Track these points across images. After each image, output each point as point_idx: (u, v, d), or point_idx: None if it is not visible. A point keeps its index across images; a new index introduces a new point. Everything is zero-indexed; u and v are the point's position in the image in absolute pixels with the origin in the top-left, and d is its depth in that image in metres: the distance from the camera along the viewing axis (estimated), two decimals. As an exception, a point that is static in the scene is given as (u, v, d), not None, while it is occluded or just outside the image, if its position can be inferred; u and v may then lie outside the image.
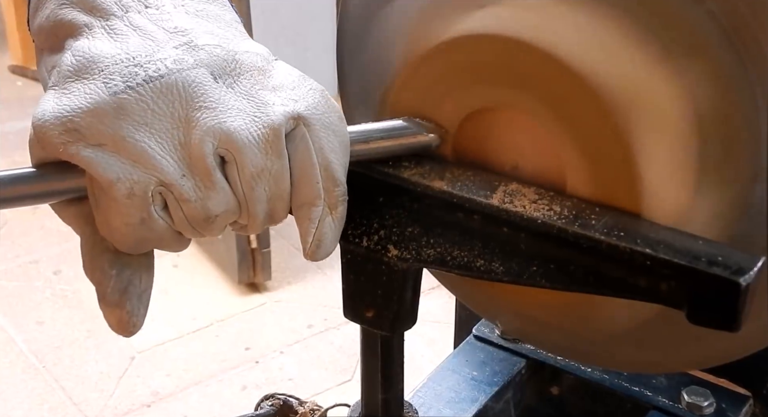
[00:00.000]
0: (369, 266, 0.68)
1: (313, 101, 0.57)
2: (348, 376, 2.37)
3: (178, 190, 0.53)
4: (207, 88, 0.54)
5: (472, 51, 0.64)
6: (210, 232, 0.56)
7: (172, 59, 0.54)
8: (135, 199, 0.52)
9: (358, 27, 0.74)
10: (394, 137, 0.66)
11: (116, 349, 2.43)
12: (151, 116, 0.52)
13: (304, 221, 0.58)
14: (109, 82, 0.52)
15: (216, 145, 0.53)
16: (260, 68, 0.57)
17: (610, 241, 0.57)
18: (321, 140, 0.57)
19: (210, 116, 0.53)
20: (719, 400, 0.89)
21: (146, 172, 0.52)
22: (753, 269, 0.53)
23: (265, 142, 0.55)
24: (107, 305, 0.56)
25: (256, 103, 0.55)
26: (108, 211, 0.53)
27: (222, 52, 0.56)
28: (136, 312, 0.57)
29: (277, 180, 0.56)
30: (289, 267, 2.81)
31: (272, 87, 0.57)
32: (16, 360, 2.42)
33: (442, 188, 0.64)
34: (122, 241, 0.55)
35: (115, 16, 0.56)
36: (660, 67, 0.59)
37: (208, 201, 0.54)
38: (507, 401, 0.95)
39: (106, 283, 0.56)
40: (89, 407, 2.27)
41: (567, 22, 0.60)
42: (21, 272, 2.79)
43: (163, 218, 0.54)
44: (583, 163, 0.62)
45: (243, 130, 0.54)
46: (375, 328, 0.71)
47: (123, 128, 0.52)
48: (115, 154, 0.52)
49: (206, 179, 0.54)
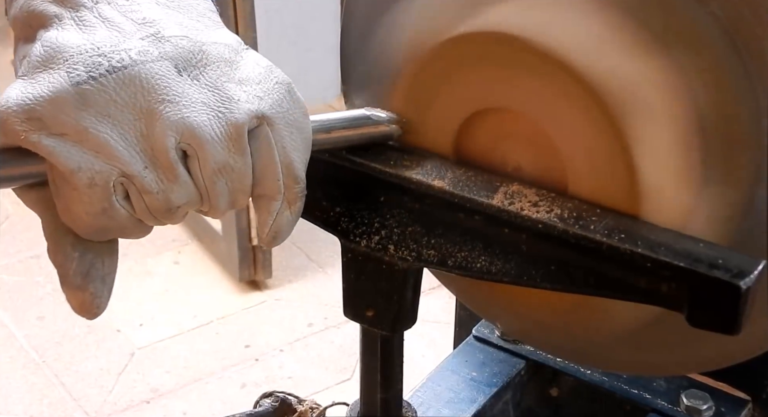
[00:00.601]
0: (370, 266, 0.68)
1: (278, 98, 0.58)
2: (347, 375, 2.37)
3: (140, 182, 0.53)
4: (170, 81, 0.54)
5: (475, 50, 0.64)
6: (171, 220, 0.57)
7: (136, 50, 0.54)
8: (96, 188, 0.53)
9: (362, 26, 0.75)
10: (355, 127, 0.67)
11: (116, 345, 2.43)
12: (113, 107, 0.53)
13: (263, 212, 0.59)
14: (72, 72, 0.53)
15: (178, 139, 0.54)
16: (227, 60, 0.57)
17: (610, 242, 0.57)
18: (284, 139, 0.57)
19: (173, 110, 0.54)
20: (718, 403, 0.89)
21: (108, 162, 0.52)
22: (753, 272, 0.53)
23: (227, 140, 0.55)
24: (69, 287, 0.57)
25: (221, 98, 0.55)
26: (69, 200, 0.54)
27: (188, 44, 0.56)
28: (99, 294, 0.57)
29: (239, 176, 0.56)
30: (290, 265, 2.81)
31: (238, 80, 0.57)
32: (17, 355, 2.43)
33: (444, 188, 0.64)
34: (83, 228, 0.55)
35: (85, 7, 0.56)
36: (660, 66, 0.59)
37: (170, 193, 0.55)
38: (506, 402, 0.95)
39: (68, 266, 0.56)
40: (89, 403, 2.27)
41: (569, 22, 0.60)
42: (22, 267, 2.79)
43: (125, 207, 0.54)
44: (584, 164, 0.62)
45: (206, 126, 0.54)
46: (375, 328, 0.71)
47: (85, 119, 0.52)
48: (76, 144, 0.52)
49: (168, 172, 0.54)
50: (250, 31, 2.34)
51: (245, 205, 0.59)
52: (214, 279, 2.74)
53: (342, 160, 0.67)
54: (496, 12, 0.63)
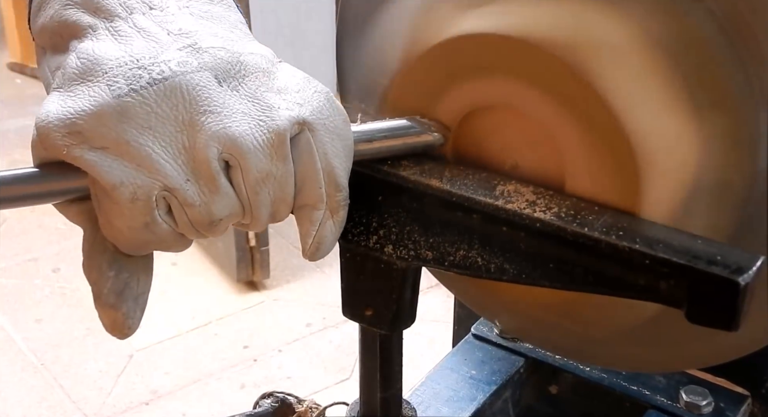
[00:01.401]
0: (368, 265, 0.68)
1: (318, 105, 0.57)
2: (347, 375, 2.37)
3: (182, 195, 0.53)
4: (211, 91, 0.54)
5: (471, 49, 0.64)
6: (213, 233, 0.56)
7: (176, 61, 0.54)
8: (138, 203, 0.52)
9: (358, 26, 0.74)
10: (398, 136, 0.66)
11: (115, 347, 2.43)
12: (154, 120, 0.52)
13: (305, 223, 0.59)
14: (112, 84, 0.52)
15: (221, 150, 0.53)
16: (265, 70, 0.57)
17: (609, 240, 0.57)
18: (325, 145, 0.57)
19: (215, 121, 0.53)
20: (718, 399, 0.90)
21: (150, 176, 0.52)
22: (752, 268, 0.53)
23: (270, 148, 0.54)
24: (102, 306, 0.56)
25: (261, 107, 0.55)
26: (111, 214, 0.53)
27: (226, 55, 0.56)
28: (132, 314, 0.57)
29: (281, 185, 0.56)
30: (288, 265, 2.81)
31: (277, 89, 0.56)
32: (15, 358, 2.42)
33: (442, 187, 0.64)
34: (124, 243, 0.55)
35: (120, 18, 0.56)
36: (659, 65, 0.59)
37: (212, 205, 0.54)
38: (505, 400, 0.96)
39: (103, 284, 0.56)
40: (88, 405, 2.27)
41: (564, 19, 0.60)
42: (20, 270, 2.79)
43: (167, 222, 0.54)
44: (583, 162, 0.62)
45: (248, 135, 0.54)
46: (374, 327, 0.71)
47: (126, 132, 0.52)
48: (118, 157, 0.52)
49: (210, 184, 0.53)
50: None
51: (286, 217, 0.58)
52: (212, 280, 2.75)
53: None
54: (496, 12, 0.63)
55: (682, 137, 0.59)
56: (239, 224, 0.58)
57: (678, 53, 0.59)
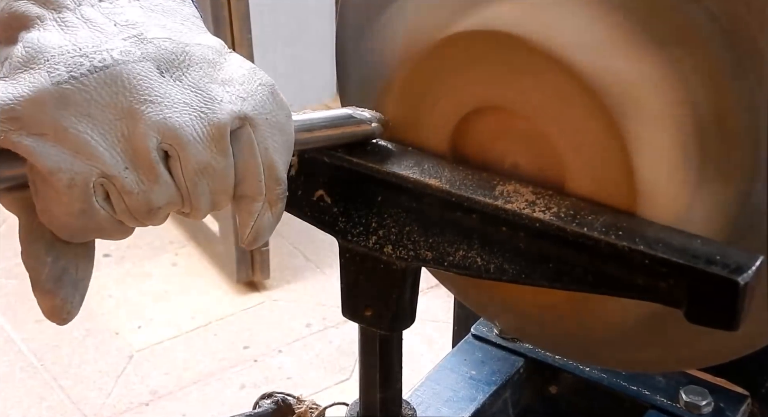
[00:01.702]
0: (368, 265, 0.68)
1: (261, 99, 0.57)
2: (346, 375, 2.37)
3: (120, 183, 0.53)
4: (152, 81, 0.54)
5: (470, 49, 0.64)
6: (152, 221, 0.56)
7: (119, 50, 0.54)
8: (76, 189, 0.52)
9: (357, 26, 0.74)
10: (337, 126, 0.67)
11: (115, 348, 2.43)
12: (93, 107, 0.52)
13: (244, 214, 0.59)
14: (53, 71, 0.52)
15: (160, 139, 0.53)
16: (210, 61, 0.57)
17: (608, 240, 0.57)
18: (266, 140, 0.57)
19: (154, 110, 0.53)
20: (717, 399, 0.89)
21: (88, 163, 0.52)
22: (751, 268, 0.53)
23: (209, 140, 0.55)
24: (40, 291, 0.57)
25: (203, 98, 0.55)
26: (48, 200, 0.53)
27: (171, 45, 0.56)
28: (71, 299, 0.57)
29: (220, 177, 0.56)
30: (288, 266, 2.80)
31: (221, 80, 0.56)
32: (15, 359, 2.42)
33: (441, 187, 0.64)
34: (62, 229, 0.55)
35: (68, 9, 0.56)
36: (658, 64, 0.59)
37: (150, 194, 0.54)
38: (505, 400, 0.96)
39: (41, 270, 0.56)
40: (88, 406, 2.27)
41: (564, 19, 0.61)
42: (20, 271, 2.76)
43: (105, 208, 0.54)
44: (581, 161, 0.62)
45: (188, 127, 0.54)
46: (374, 327, 0.71)
47: (65, 118, 0.52)
48: (56, 144, 0.51)
49: (149, 173, 0.54)
50: (246, 31, 2.34)
51: (226, 206, 0.59)
52: (212, 280, 2.74)
53: (339, 160, 0.67)
54: (492, 11, 0.63)
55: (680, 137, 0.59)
56: (179, 212, 0.58)
57: (677, 53, 0.59)
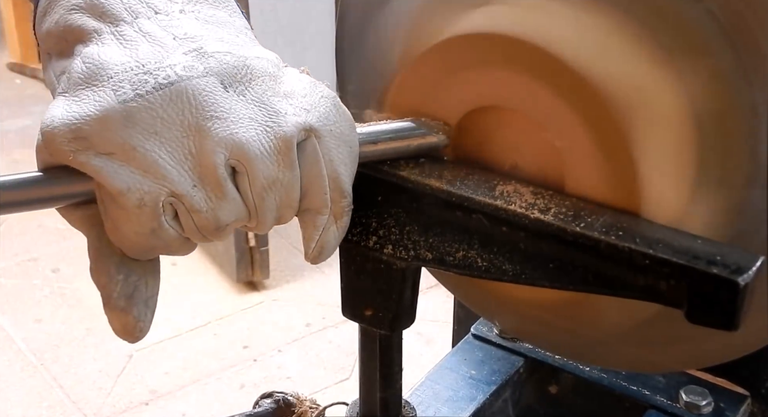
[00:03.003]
0: (368, 265, 0.68)
1: (325, 111, 0.57)
2: (346, 375, 2.37)
3: (189, 201, 0.53)
4: (217, 96, 0.53)
5: (471, 50, 0.64)
6: (219, 237, 0.56)
7: (181, 66, 0.53)
8: (145, 209, 0.52)
9: (358, 27, 0.74)
10: (403, 138, 0.66)
11: (114, 347, 2.43)
12: (160, 125, 0.52)
13: (309, 227, 0.59)
14: (118, 89, 0.52)
15: (227, 156, 0.53)
16: (271, 74, 0.57)
17: (608, 240, 0.57)
18: (331, 152, 0.57)
19: (221, 127, 0.53)
20: (717, 399, 0.89)
21: (157, 182, 0.52)
22: (752, 269, 0.53)
23: (276, 154, 0.54)
24: (112, 310, 0.56)
25: (268, 112, 0.55)
26: (117, 219, 0.53)
27: (232, 59, 0.55)
28: (143, 317, 0.57)
29: (287, 190, 0.56)
30: (288, 265, 2.81)
31: (284, 94, 0.56)
32: (15, 358, 2.42)
33: (441, 187, 0.64)
34: (131, 247, 0.55)
35: (125, 22, 0.56)
36: (659, 65, 0.59)
37: (219, 211, 0.54)
38: (505, 400, 0.95)
39: (112, 288, 0.56)
40: (87, 405, 2.27)
41: (566, 21, 0.60)
42: (19, 270, 2.79)
43: (173, 227, 0.54)
44: (582, 162, 0.62)
45: (255, 142, 0.53)
46: (374, 327, 0.71)
47: (132, 137, 0.51)
48: (124, 163, 0.51)
49: (217, 190, 0.53)
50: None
51: (291, 219, 0.58)
52: (212, 280, 2.74)
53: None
54: (493, 12, 0.63)
55: (681, 138, 0.59)
56: (244, 227, 0.58)
57: (678, 53, 0.59)
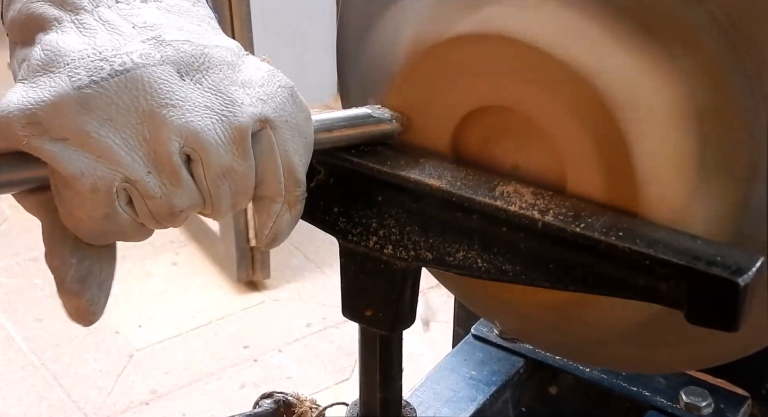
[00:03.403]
0: (368, 265, 0.68)
1: (282, 101, 0.57)
2: (346, 375, 2.37)
3: (143, 187, 0.53)
4: (173, 85, 0.54)
5: (472, 50, 0.64)
6: (173, 224, 0.56)
7: (138, 53, 0.54)
8: (99, 194, 0.52)
9: (359, 26, 0.74)
10: (357, 126, 0.67)
11: (115, 347, 2.43)
12: (115, 111, 0.52)
13: (263, 214, 0.59)
14: (73, 75, 0.52)
15: (182, 143, 0.53)
16: (229, 63, 0.57)
17: (608, 240, 0.57)
18: (286, 142, 0.57)
19: (176, 114, 0.53)
20: (717, 400, 0.89)
21: (111, 167, 0.52)
22: (752, 269, 0.53)
23: (231, 143, 0.55)
24: (65, 293, 0.57)
25: (224, 101, 0.55)
26: (71, 204, 0.53)
27: (190, 48, 0.56)
28: (96, 300, 0.57)
29: (242, 179, 0.56)
30: (288, 266, 2.81)
31: (241, 82, 0.56)
32: (15, 357, 2.42)
33: (441, 188, 0.64)
34: (85, 232, 0.55)
35: (85, 11, 0.56)
36: (659, 65, 0.59)
37: (173, 197, 0.54)
38: (505, 401, 0.95)
39: (66, 271, 0.56)
40: (88, 405, 2.27)
41: (566, 22, 0.61)
42: (20, 269, 2.79)
43: (127, 212, 0.54)
44: (583, 163, 0.62)
45: (210, 130, 0.54)
46: (374, 327, 0.71)
47: (87, 123, 0.52)
48: (78, 148, 0.52)
49: (172, 177, 0.54)
50: (246, 31, 2.34)
51: (246, 206, 0.59)
52: (213, 280, 2.75)
53: (340, 160, 0.67)
54: (493, 12, 0.63)
55: (681, 139, 0.59)
56: (199, 213, 0.58)
57: (678, 53, 0.59)
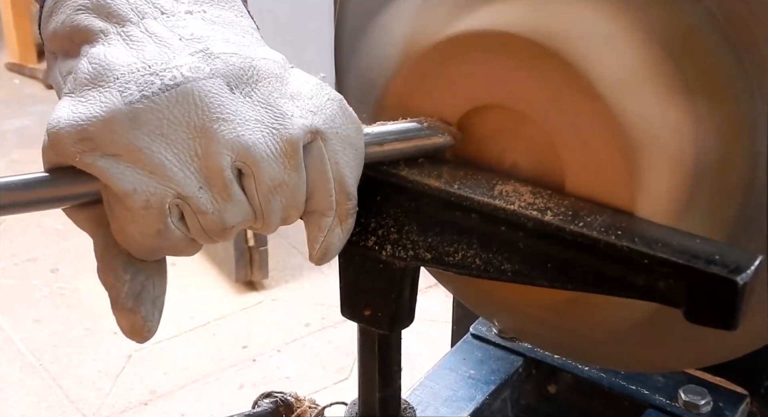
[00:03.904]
0: (367, 265, 0.68)
1: (332, 113, 0.57)
2: (345, 375, 2.37)
3: (195, 203, 0.53)
4: (223, 98, 0.53)
5: (471, 49, 0.64)
6: (225, 238, 0.56)
7: (188, 67, 0.53)
8: (151, 210, 0.52)
9: (357, 26, 0.74)
10: (409, 139, 0.66)
11: (113, 347, 2.43)
12: (166, 126, 0.52)
13: (314, 228, 0.59)
14: (124, 91, 0.52)
15: (234, 158, 0.53)
16: (278, 75, 0.57)
17: (607, 239, 0.57)
18: (337, 154, 0.57)
19: (227, 128, 0.53)
20: (716, 399, 0.89)
21: (163, 184, 0.52)
22: (750, 268, 0.53)
23: (283, 156, 0.54)
24: (120, 310, 0.56)
25: (274, 114, 0.55)
26: (123, 221, 0.53)
27: (238, 61, 0.55)
28: (151, 317, 0.57)
29: (293, 192, 0.56)
30: (287, 265, 2.81)
31: (290, 95, 0.56)
32: (14, 358, 2.42)
33: (440, 187, 0.64)
34: (137, 248, 0.55)
35: (131, 23, 0.56)
36: (658, 65, 0.59)
37: (225, 213, 0.54)
38: (504, 400, 0.95)
39: (120, 288, 0.56)
40: (86, 405, 2.27)
41: (562, 16, 0.61)
42: (18, 271, 2.78)
43: (179, 228, 0.54)
44: (582, 161, 0.62)
45: (261, 144, 0.54)
46: (373, 327, 0.71)
47: (139, 139, 0.51)
48: (130, 164, 0.51)
49: (223, 192, 0.53)
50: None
51: (296, 221, 0.59)
52: (211, 280, 2.74)
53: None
54: (493, 11, 0.63)
55: (678, 129, 0.59)
56: (250, 227, 0.58)
57: (678, 55, 0.59)
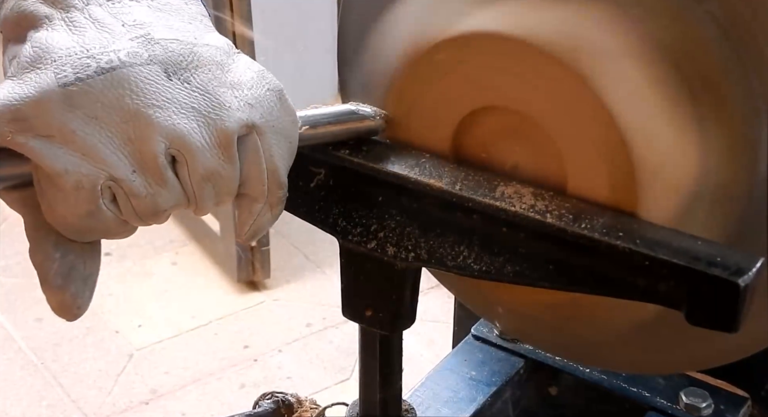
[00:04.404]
0: (368, 266, 0.68)
1: (269, 106, 0.57)
2: (346, 375, 2.37)
3: (128, 186, 0.53)
4: (159, 85, 0.54)
5: (473, 50, 0.64)
6: (156, 221, 0.57)
7: (126, 52, 0.54)
8: (83, 191, 0.52)
9: (359, 27, 0.74)
10: (341, 122, 0.67)
11: (115, 346, 2.43)
12: (100, 109, 0.52)
13: (244, 212, 0.60)
14: (59, 72, 0.52)
15: (168, 145, 0.53)
16: (218, 63, 0.57)
17: (609, 241, 0.57)
18: (271, 147, 0.58)
19: (163, 116, 0.53)
20: (717, 401, 0.89)
21: (95, 165, 0.52)
22: (752, 270, 0.53)
23: (217, 147, 0.55)
24: (49, 288, 0.56)
25: (212, 103, 0.55)
26: (54, 201, 0.53)
27: (178, 47, 0.56)
28: (81, 295, 0.57)
29: (226, 181, 0.56)
30: (288, 265, 2.80)
31: (230, 84, 0.56)
32: (15, 357, 2.42)
33: (442, 188, 0.64)
34: (68, 229, 0.55)
35: (76, 9, 0.56)
36: (658, 65, 0.59)
37: (158, 197, 0.55)
38: (505, 401, 0.95)
39: (49, 266, 0.56)
40: (87, 405, 2.27)
41: (565, 21, 0.61)
42: (20, 269, 2.78)
43: (111, 210, 0.54)
44: (583, 163, 0.62)
45: (196, 134, 0.54)
46: (374, 328, 0.71)
47: (72, 121, 0.52)
48: (63, 145, 0.51)
49: (157, 177, 0.54)
50: (247, 31, 2.34)
51: (229, 203, 0.59)
52: (213, 280, 2.74)
53: (341, 160, 0.67)
54: (493, 12, 0.63)
55: (681, 141, 0.59)
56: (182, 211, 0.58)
57: (678, 56, 0.59)
